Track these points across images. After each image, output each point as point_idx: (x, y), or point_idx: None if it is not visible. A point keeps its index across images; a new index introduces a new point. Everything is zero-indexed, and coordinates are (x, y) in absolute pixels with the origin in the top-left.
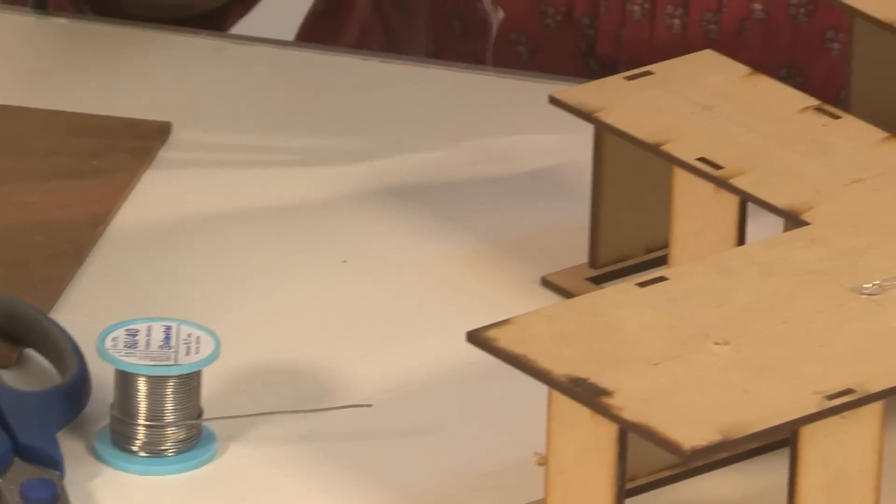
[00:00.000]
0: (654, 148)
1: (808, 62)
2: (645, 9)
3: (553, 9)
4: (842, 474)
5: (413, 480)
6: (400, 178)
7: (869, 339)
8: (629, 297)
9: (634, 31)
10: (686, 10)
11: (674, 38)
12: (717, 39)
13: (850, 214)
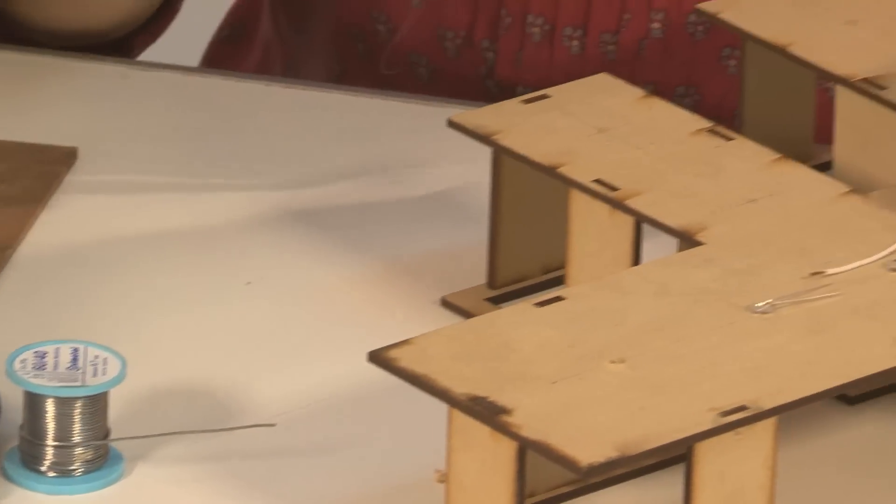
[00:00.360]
0: (551, 170)
1: (705, 79)
2: (544, 31)
3: (453, 32)
4: (737, 489)
5: (316, 499)
6: (302, 201)
7: (761, 356)
8: (527, 317)
9: (534, 54)
10: (585, 32)
11: (573, 59)
12: (615, 59)
13: (743, 235)
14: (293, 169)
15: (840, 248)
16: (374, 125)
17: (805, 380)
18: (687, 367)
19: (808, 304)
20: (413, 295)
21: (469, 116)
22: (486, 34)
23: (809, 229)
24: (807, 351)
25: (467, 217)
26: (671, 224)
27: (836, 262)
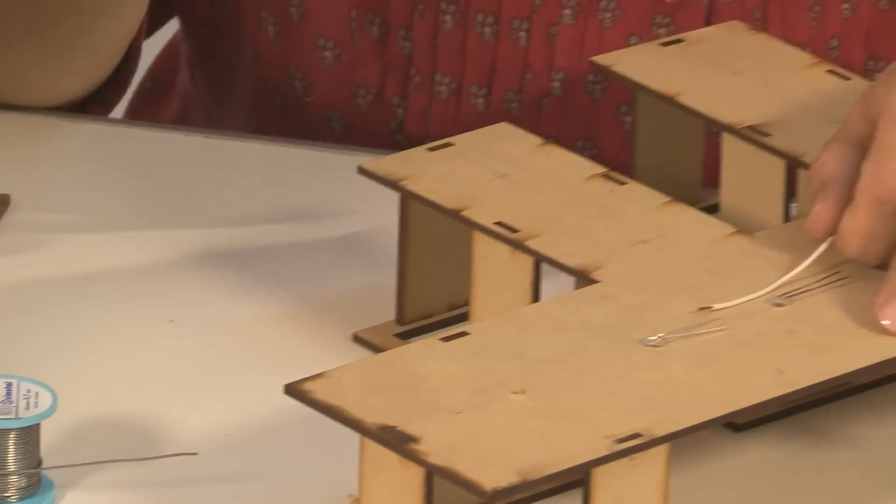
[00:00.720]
0: (455, 213)
1: (602, 134)
2: (451, 89)
3: (365, 89)
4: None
5: None
6: (221, 244)
7: (654, 387)
8: (434, 351)
9: (441, 110)
10: (489, 90)
11: (478, 115)
12: (518, 115)
13: (636, 273)
14: (212, 213)
15: (727, 285)
16: (290, 173)
17: (695, 409)
18: (584, 397)
19: (698, 338)
20: (326, 331)
21: (378, 164)
22: (396, 92)
23: (698, 267)
24: (696, 381)
25: (377, 258)
26: (568, 263)
27: (723, 298)
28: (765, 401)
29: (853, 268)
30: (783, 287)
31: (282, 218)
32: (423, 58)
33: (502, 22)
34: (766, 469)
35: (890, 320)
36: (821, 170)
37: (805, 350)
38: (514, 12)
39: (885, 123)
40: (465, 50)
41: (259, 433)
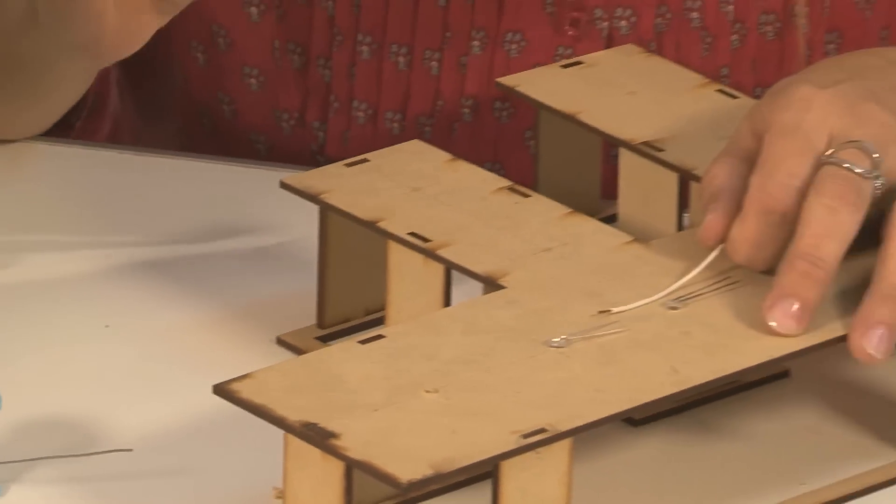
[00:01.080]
0: (371, 224)
1: (509, 156)
2: (368, 114)
3: (287, 113)
4: (537, 502)
5: None
6: (154, 255)
7: (558, 385)
8: (352, 353)
9: (359, 133)
10: (404, 116)
11: (393, 139)
12: (430, 139)
13: (540, 279)
14: (145, 226)
15: (624, 289)
16: (218, 188)
17: (596, 405)
18: (493, 395)
19: (598, 339)
20: (252, 335)
21: (299, 179)
22: (316, 116)
23: (598, 274)
24: (597, 380)
25: (299, 266)
26: (477, 270)
27: (622, 302)
28: (660, 398)
29: (743, 273)
30: (677, 291)
31: (210, 230)
32: (342, 85)
33: (415, 53)
34: (661, 461)
35: (776, 322)
36: (711, 182)
37: (698, 350)
38: (427, 44)
39: (771, 139)
40: (381, 78)
41: (190, 431)
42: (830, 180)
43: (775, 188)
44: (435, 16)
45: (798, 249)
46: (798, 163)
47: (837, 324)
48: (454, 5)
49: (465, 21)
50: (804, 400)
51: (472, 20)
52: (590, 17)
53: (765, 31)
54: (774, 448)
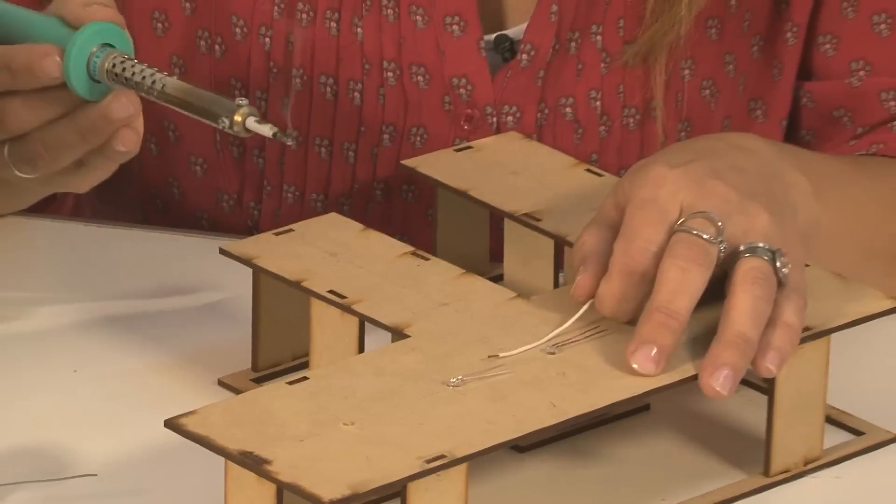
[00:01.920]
0: (297, 284)
1: (413, 229)
2: (296, 196)
3: (227, 195)
4: None
5: None
6: (114, 311)
7: (454, 418)
8: (282, 392)
9: (288, 211)
10: (326, 196)
11: (317, 215)
12: (348, 215)
13: (439, 329)
14: (106, 287)
15: (510, 337)
16: (167, 254)
17: (487, 435)
18: (401, 427)
19: (488, 380)
20: (197, 377)
21: (235, 246)
22: (252, 197)
23: (487, 324)
24: (488, 414)
25: (236, 319)
26: (386, 322)
27: (508, 347)
28: (542, 428)
29: (609, 323)
30: (554, 339)
31: (161, 289)
32: (273, 172)
33: (335, 145)
34: (544, 482)
35: (638, 364)
36: (581, 248)
37: (573, 388)
38: (345, 137)
39: (631, 210)
40: (307, 166)
41: (146, 458)
42: (682, 245)
43: (635, 252)
44: (352, 114)
45: (656, 303)
46: (654, 231)
47: (689, 365)
48: (367, 105)
49: (377, 118)
50: (663, 430)
51: (383, 118)
52: (481, 114)
53: (627, 122)
54: (638, 470)
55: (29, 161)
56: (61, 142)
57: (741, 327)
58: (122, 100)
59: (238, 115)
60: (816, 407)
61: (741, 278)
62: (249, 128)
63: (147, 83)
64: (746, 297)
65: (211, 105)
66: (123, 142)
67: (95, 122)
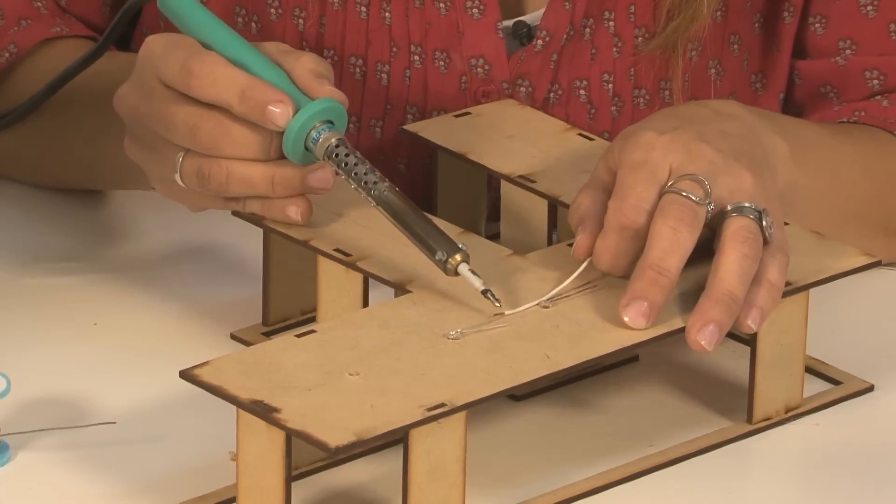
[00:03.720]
0: (304, 243)
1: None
2: None
3: None
4: (440, 462)
5: (151, 473)
6: (134, 269)
7: (455, 369)
8: (290, 345)
9: None
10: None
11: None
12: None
13: (439, 285)
14: (125, 246)
15: (507, 292)
16: (183, 216)
17: (485, 384)
18: (403, 377)
19: (486, 332)
20: (211, 331)
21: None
22: None
23: (487, 278)
24: (486, 364)
25: (248, 277)
26: (388, 278)
27: (504, 301)
28: (537, 378)
29: (602, 280)
30: (548, 293)
31: (178, 249)
32: None
33: (364, 121)
34: (539, 430)
35: (629, 318)
36: (578, 209)
37: (566, 340)
38: (372, 114)
39: (623, 173)
40: None
41: (162, 407)
42: (673, 206)
43: (628, 209)
44: (379, 93)
45: (647, 261)
46: (646, 189)
47: (678, 319)
48: (393, 86)
49: (402, 98)
50: (651, 380)
51: (408, 98)
52: (498, 88)
53: (638, 102)
54: (628, 418)
55: (200, 178)
56: (245, 179)
57: (729, 285)
58: (327, 176)
59: (458, 256)
60: (796, 358)
61: (730, 237)
62: (461, 273)
63: (366, 183)
64: (735, 255)
65: (430, 235)
66: (299, 212)
67: (292, 178)
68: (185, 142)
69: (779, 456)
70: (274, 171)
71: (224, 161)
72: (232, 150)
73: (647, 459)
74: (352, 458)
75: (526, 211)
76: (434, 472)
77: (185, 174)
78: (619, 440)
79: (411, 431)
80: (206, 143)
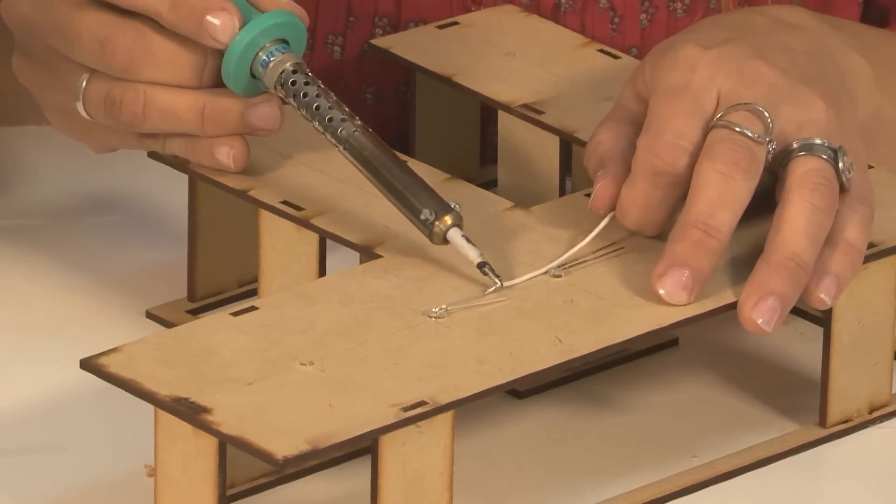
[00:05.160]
0: (242, 193)
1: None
2: None
3: None
4: (418, 477)
5: (39, 493)
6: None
7: (438, 356)
8: (224, 326)
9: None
10: None
11: None
12: None
13: (417, 248)
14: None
15: (506, 257)
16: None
17: (477, 376)
18: (371, 367)
19: (479, 309)
20: (121, 307)
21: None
22: None
23: (478, 241)
24: (478, 350)
25: (168, 238)
26: (352, 239)
27: (503, 269)
28: (545, 368)
29: (631, 240)
30: (567, 261)
31: (80, 203)
32: None
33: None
34: (547, 435)
35: (666, 290)
36: (597, 148)
37: (583, 318)
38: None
39: (657, 100)
40: None
41: (59, 406)
42: (723, 145)
43: (664, 149)
44: (339, 2)
45: (691, 217)
46: (686, 123)
47: (728, 292)
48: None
49: (368, 6)
50: (694, 370)
51: (375, 5)
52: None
53: (675, 8)
54: (664, 420)
55: (109, 107)
56: (168, 109)
57: (794, 247)
58: (274, 112)
59: (448, 218)
60: (883, 342)
61: (797, 184)
62: (452, 240)
63: (330, 121)
64: (803, 208)
65: (413, 190)
66: (231, 155)
67: (227, 112)
68: (92, 60)
69: (860, 468)
70: (205, 102)
71: (141, 86)
72: (152, 72)
73: (689, 474)
74: (305, 473)
75: (531, 151)
76: (411, 490)
77: (89, 102)
78: (652, 449)
79: (381, 438)
80: (118, 61)
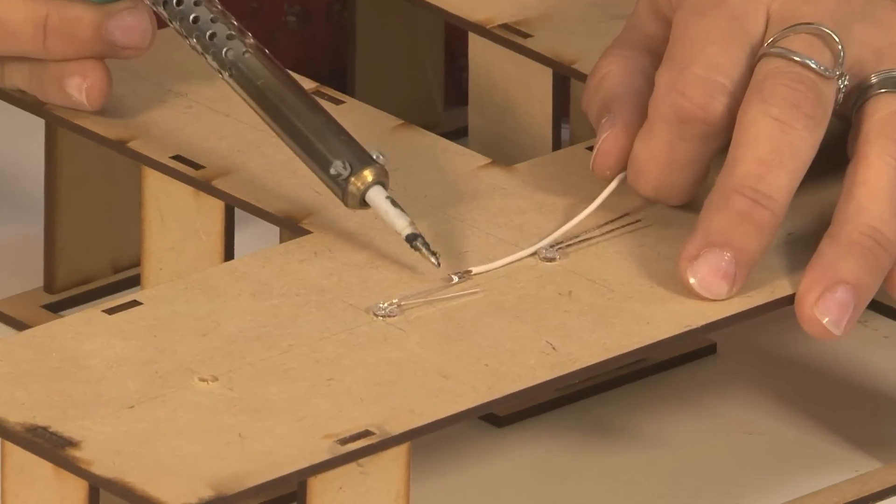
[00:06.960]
0: (120, 145)
1: None
2: None
3: None
4: None
5: None
6: None
7: (387, 369)
8: (96, 327)
9: None
10: None
11: None
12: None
13: (359, 220)
14: None
15: (479, 232)
16: None
17: (442, 397)
18: (296, 385)
19: (443, 304)
20: None
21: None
22: None
23: (443, 211)
24: (443, 361)
25: (18, 208)
26: (269, 209)
27: (476, 249)
28: (533, 385)
29: (649, 211)
30: (558, 238)
31: None
32: None
33: None
34: (536, 474)
35: (699, 279)
36: (602, 83)
37: (584, 318)
38: None
39: (683, 19)
40: None
41: None
42: (777, 81)
43: (692, 86)
44: None
45: (734, 180)
46: (724, 51)
47: (784, 281)
48: None
49: None
50: (736, 387)
51: None
52: None
53: None
54: (695, 456)
55: None
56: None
57: (873, 218)
58: (141, 23)
59: (368, 173)
60: None
61: (877, 132)
62: (371, 202)
63: (211, 38)
64: (885, 165)
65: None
66: (83, 87)
67: (78, 23)
68: None
69: None
70: (48, 10)
71: None
72: None
73: None
74: None
75: (513, 89)
76: None
77: None
78: (678, 494)
79: (310, 481)
80: None
